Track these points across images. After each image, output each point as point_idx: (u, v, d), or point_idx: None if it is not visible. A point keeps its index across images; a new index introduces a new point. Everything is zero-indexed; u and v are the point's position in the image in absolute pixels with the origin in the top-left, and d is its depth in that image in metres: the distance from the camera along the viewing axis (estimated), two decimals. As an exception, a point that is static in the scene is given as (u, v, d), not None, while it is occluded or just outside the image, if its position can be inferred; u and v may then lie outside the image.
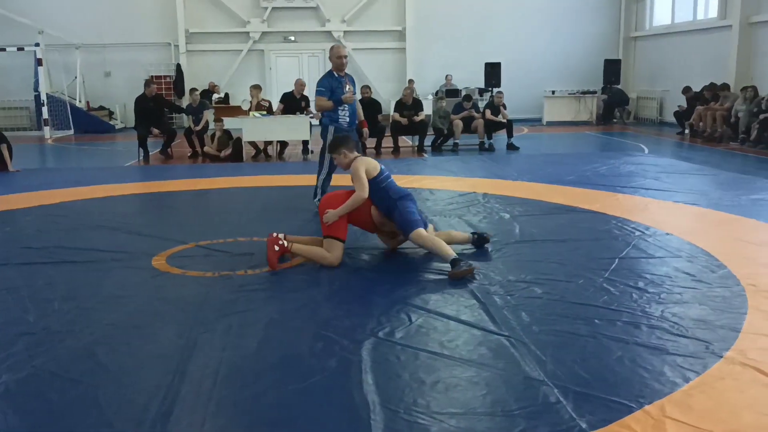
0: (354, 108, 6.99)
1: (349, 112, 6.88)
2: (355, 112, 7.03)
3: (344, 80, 6.87)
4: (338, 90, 6.79)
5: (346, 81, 6.88)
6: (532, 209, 6.83)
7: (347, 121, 6.88)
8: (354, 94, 6.92)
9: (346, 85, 6.85)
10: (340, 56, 6.83)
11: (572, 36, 19.13)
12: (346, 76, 6.93)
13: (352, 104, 6.90)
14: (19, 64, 17.51)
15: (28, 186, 8.96)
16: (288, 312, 4.10)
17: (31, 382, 3.16)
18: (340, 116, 6.85)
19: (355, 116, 7.05)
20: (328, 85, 6.83)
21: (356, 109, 7.07)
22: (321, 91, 6.84)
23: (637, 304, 4.06)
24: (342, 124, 6.85)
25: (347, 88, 6.84)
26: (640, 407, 2.82)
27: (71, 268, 5.06)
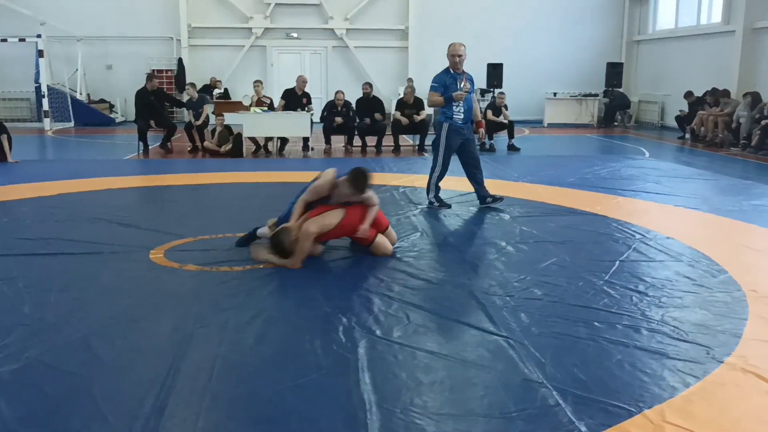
0: (470, 106, 6.80)
1: (463, 109, 6.73)
2: (470, 109, 6.82)
3: (461, 77, 6.73)
4: (452, 87, 6.67)
5: (463, 78, 6.74)
6: (532, 210, 6.81)
7: (461, 119, 6.74)
8: (471, 92, 6.79)
9: (462, 82, 6.71)
10: (454, 55, 6.71)
11: (575, 38, 19.10)
12: (463, 74, 6.78)
13: (468, 102, 6.74)
14: (21, 56, 17.44)
15: (27, 177, 8.92)
16: (285, 308, 4.07)
17: (26, 373, 3.13)
18: (455, 113, 6.71)
19: (470, 114, 6.84)
20: (442, 81, 6.75)
21: (472, 107, 6.86)
22: (434, 87, 6.79)
23: (638, 308, 4.04)
24: (456, 122, 6.74)
25: (462, 85, 6.69)
26: (639, 412, 2.80)
27: (68, 260, 5.03)
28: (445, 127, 6.78)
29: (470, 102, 6.80)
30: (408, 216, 6.61)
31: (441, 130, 6.82)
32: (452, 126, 6.74)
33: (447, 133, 6.76)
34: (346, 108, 12.46)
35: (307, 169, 9.95)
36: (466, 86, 6.70)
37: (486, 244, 5.56)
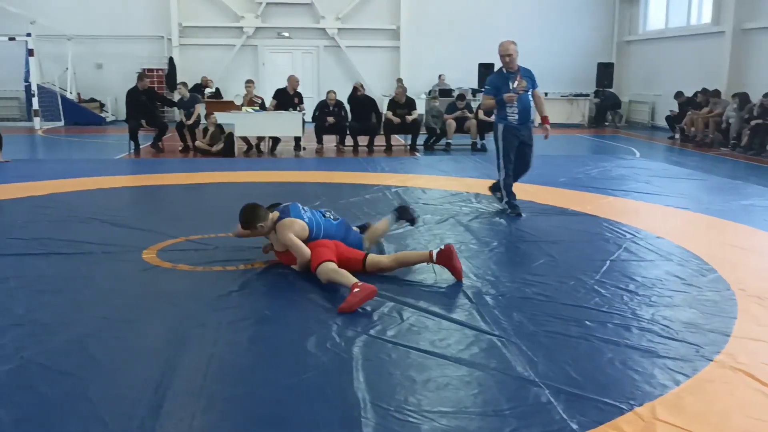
0: (525, 105, 6.57)
1: (518, 110, 6.52)
2: (526, 109, 6.58)
3: (514, 77, 6.53)
4: (503, 88, 6.51)
5: (517, 77, 6.53)
6: (524, 210, 6.84)
7: (516, 119, 6.54)
8: (529, 89, 6.56)
9: (515, 81, 6.51)
10: (503, 55, 6.51)
11: (566, 39, 19.17)
12: (518, 72, 6.56)
13: (523, 101, 6.53)
14: (10, 54, 17.33)
15: (18, 177, 8.88)
16: (279, 308, 4.09)
17: (20, 374, 3.13)
18: (508, 114, 6.54)
19: (527, 113, 6.60)
20: (494, 83, 6.64)
21: (528, 106, 6.60)
22: (487, 90, 6.71)
23: (628, 307, 4.08)
24: (511, 122, 6.55)
25: (514, 84, 6.50)
26: (630, 409, 2.84)
27: (61, 260, 5.03)
28: (500, 128, 6.62)
29: (526, 101, 6.56)
30: (400, 216, 6.62)
31: (496, 131, 6.68)
32: (507, 126, 6.57)
33: (502, 134, 6.60)
34: (338, 107, 12.48)
35: (299, 169, 9.98)
36: (521, 85, 6.50)
37: (478, 243, 5.59)
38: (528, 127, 6.66)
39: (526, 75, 6.57)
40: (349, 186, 8.46)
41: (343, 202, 7.28)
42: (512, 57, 6.50)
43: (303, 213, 4.84)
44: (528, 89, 6.54)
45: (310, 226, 4.74)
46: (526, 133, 6.62)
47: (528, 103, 6.58)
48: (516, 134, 6.59)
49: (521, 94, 6.49)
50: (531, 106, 6.63)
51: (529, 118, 6.63)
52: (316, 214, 4.92)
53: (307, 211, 4.89)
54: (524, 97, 6.54)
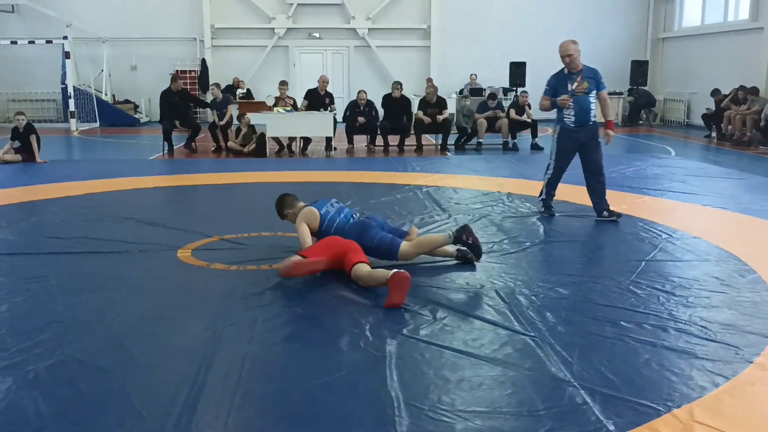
0: (583, 107, 6.26)
1: (575, 112, 6.26)
2: (584, 111, 6.27)
3: (575, 77, 6.27)
4: (562, 89, 6.31)
5: (578, 78, 6.26)
6: (557, 210, 6.78)
7: (573, 121, 6.28)
8: (590, 90, 6.26)
9: (574, 83, 6.26)
10: (563, 56, 6.28)
11: (599, 36, 18.92)
12: (580, 73, 6.29)
13: (581, 103, 6.25)
14: (48, 57, 17.72)
15: (55, 177, 9.07)
16: (312, 306, 4.11)
17: (60, 369, 3.19)
18: (565, 116, 6.33)
19: (586, 116, 6.27)
20: (553, 83, 6.44)
21: (588, 108, 6.28)
22: (545, 90, 6.50)
23: (665, 307, 4.01)
24: (567, 124, 6.33)
25: (573, 86, 6.25)
26: (668, 411, 2.79)
27: (98, 259, 5.12)
28: (556, 129, 6.48)
29: (585, 104, 6.26)
30: (432, 215, 6.62)
31: (555, 132, 6.54)
32: (563, 129, 6.37)
33: (558, 136, 6.44)
34: (368, 107, 12.49)
35: (330, 169, 10.02)
36: (581, 86, 6.23)
37: (510, 243, 5.55)
38: (588, 129, 6.34)
39: (590, 76, 6.29)
40: (380, 186, 8.46)
41: (374, 201, 7.29)
42: (572, 57, 6.25)
43: (326, 206, 5.00)
44: (590, 91, 6.26)
45: (322, 218, 4.89)
46: (584, 135, 6.33)
47: (588, 105, 6.28)
48: (573, 137, 6.36)
49: (579, 96, 6.24)
50: (592, 108, 6.33)
51: (588, 120, 6.30)
52: (339, 211, 5.01)
53: (333, 206, 5.03)
54: (584, 98, 6.26)
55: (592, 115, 6.32)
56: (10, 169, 9.87)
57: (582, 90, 6.24)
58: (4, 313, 3.95)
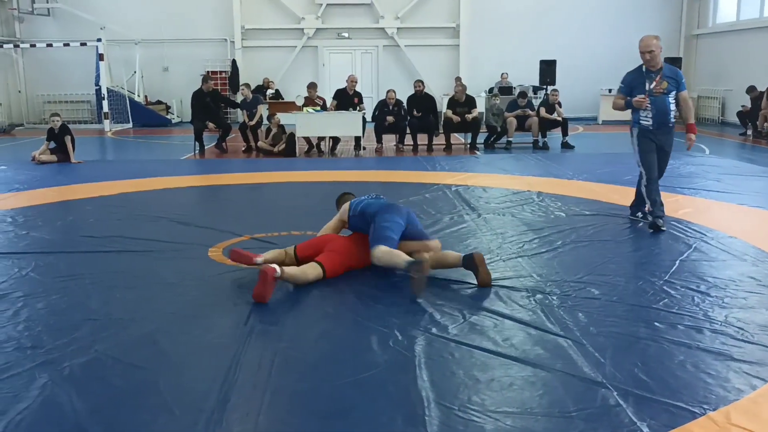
0: (661, 108, 5.80)
1: (653, 113, 5.82)
2: (662, 112, 5.81)
3: (653, 76, 5.80)
4: (638, 89, 5.86)
5: (658, 76, 5.79)
6: (588, 209, 6.71)
7: (650, 123, 5.85)
8: (670, 91, 5.79)
9: (652, 82, 5.80)
10: (643, 52, 5.78)
11: (631, 33, 18.43)
12: (659, 72, 5.81)
13: (659, 104, 5.80)
14: (82, 59, 18.03)
15: (90, 177, 9.22)
16: (342, 306, 4.12)
17: (95, 366, 3.24)
18: (641, 117, 5.90)
19: (664, 117, 5.83)
20: (629, 81, 5.97)
21: (667, 109, 5.82)
22: (620, 88, 6.06)
23: (700, 308, 3.94)
24: (644, 126, 5.90)
25: (651, 85, 5.80)
26: (703, 413, 2.74)
27: (131, 257, 5.19)
28: (634, 132, 6.03)
29: (663, 104, 5.80)
30: (461, 215, 6.59)
31: (631, 135, 6.09)
32: (641, 129, 5.94)
33: (637, 138, 6.00)
34: (397, 107, 12.49)
35: (359, 168, 10.04)
36: (660, 86, 5.77)
37: (541, 242, 5.50)
38: (666, 131, 5.93)
39: (669, 75, 5.82)
40: (409, 185, 8.45)
41: (403, 201, 7.26)
42: (654, 54, 5.73)
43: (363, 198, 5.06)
44: (669, 91, 5.80)
45: (352, 207, 4.93)
46: (663, 138, 5.93)
47: (666, 106, 5.82)
48: (652, 138, 5.93)
49: (657, 96, 5.79)
50: (671, 110, 5.87)
51: (667, 122, 5.87)
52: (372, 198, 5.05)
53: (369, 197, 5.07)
54: (662, 99, 5.81)
55: (671, 116, 5.89)
56: (45, 170, 10.07)
57: (661, 90, 5.79)
58: (40, 311, 4.03)
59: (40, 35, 18.59)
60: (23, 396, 2.93)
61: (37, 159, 10.75)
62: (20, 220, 6.53)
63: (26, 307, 4.07)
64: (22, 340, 3.56)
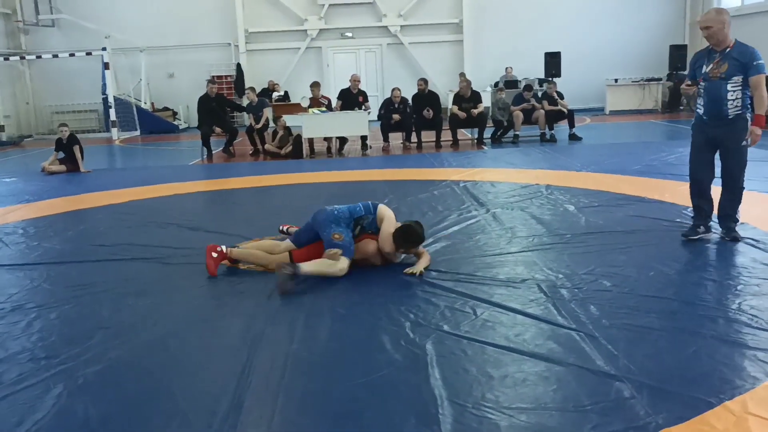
0: (714, 96, 4.96)
1: (704, 101, 5.05)
2: (714, 101, 4.96)
3: (715, 56, 4.98)
4: (698, 71, 5.10)
5: (718, 58, 4.95)
6: (597, 200, 6.68)
7: (702, 112, 5.11)
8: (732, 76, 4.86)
9: (712, 64, 4.97)
10: (701, 28, 5.00)
11: (635, 21, 18.59)
12: (722, 53, 4.93)
13: (711, 91, 4.97)
14: (88, 68, 18.13)
15: (99, 186, 9.26)
16: (353, 306, 4.11)
17: (108, 374, 3.26)
18: (697, 105, 5.19)
19: (717, 106, 4.96)
20: (692, 63, 5.23)
21: (722, 97, 4.92)
22: (688, 73, 5.35)
23: (713, 297, 3.92)
24: (698, 115, 5.18)
25: (708, 68, 4.99)
26: (720, 403, 2.72)
27: (142, 265, 5.21)
28: (692, 122, 5.33)
29: (718, 90, 4.93)
30: (470, 210, 6.57)
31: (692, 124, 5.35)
32: (696, 119, 5.21)
33: (692, 128, 5.28)
34: (403, 105, 12.47)
35: (366, 168, 10.04)
36: (718, 69, 4.92)
37: (551, 235, 5.48)
38: (722, 123, 4.99)
39: (734, 56, 4.88)
40: (416, 182, 8.44)
41: (411, 198, 7.27)
42: (712, 31, 4.90)
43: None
44: (729, 75, 4.87)
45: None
46: (719, 131, 5.02)
47: (721, 93, 4.92)
48: (704, 130, 5.13)
49: (714, 80, 4.95)
50: (729, 98, 4.91)
51: (722, 113, 4.96)
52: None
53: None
54: (716, 85, 4.93)
55: (729, 106, 4.92)
56: (55, 180, 10.13)
57: (717, 74, 4.93)
58: (53, 321, 4.05)
59: (46, 46, 18.71)
60: (39, 406, 2.95)
61: (46, 170, 10.81)
62: (31, 231, 6.57)
63: (39, 317, 4.09)
64: (35, 350, 3.59)
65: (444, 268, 4.69)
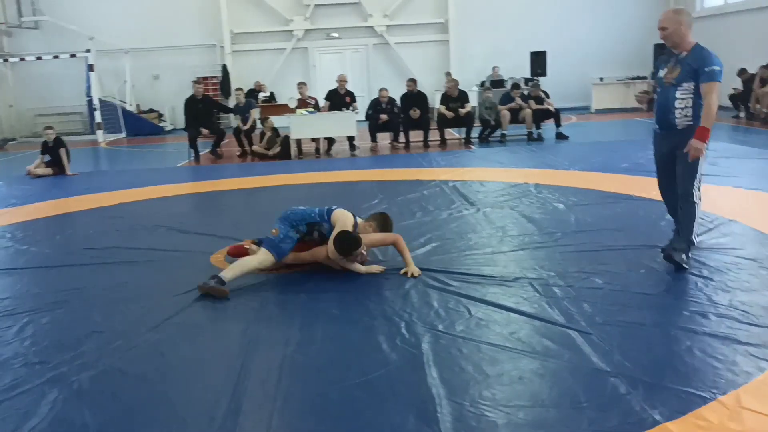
0: (662, 103, 4.58)
1: (656, 109, 4.73)
2: (662, 108, 4.57)
3: (671, 60, 4.61)
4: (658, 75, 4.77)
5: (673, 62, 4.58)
6: (586, 198, 6.72)
7: (654, 121, 4.76)
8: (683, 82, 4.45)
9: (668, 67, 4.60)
10: (659, 28, 4.63)
11: (619, 20, 18.70)
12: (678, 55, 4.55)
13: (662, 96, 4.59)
14: (72, 71, 17.96)
15: (86, 189, 9.19)
16: (347, 306, 4.12)
17: (103, 380, 3.24)
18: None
19: (664, 114, 4.56)
20: (657, 66, 4.88)
21: (669, 104, 4.51)
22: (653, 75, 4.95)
23: (703, 293, 3.96)
24: (653, 124, 4.83)
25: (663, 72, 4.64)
26: (714, 398, 2.76)
27: (132, 268, 5.18)
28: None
29: (665, 98, 4.54)
30: (460, 210, 6.59)
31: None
32: (653, 131, 4.84)
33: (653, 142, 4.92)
34: (390, 105, 12.48)
35: (354, 168, 10.04)
36: (671, 74, 4.52)
37: (542, 234, 5.51)
38: (671, 135, 4.56)
39: (688, 61, 4.45)
40: (406, 182, 8.45)
41: (401, 198, 7.28)
42: (668, 32, 4.54)
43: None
44: (679, 81, 4.46)
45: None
46: (670, 140, 4.58)
47: (668, 100, 4.51)
48: (657, 142, 4.79)
49: (667, 86, 4.55)
50: (676, 106, 4.48)
51: (668, 122, 4.55)
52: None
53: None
54: (666, 91, 4.55)
55: (676, 115, 4.48)
56: (41, 183, 10.04)
57: (670, 79, 4.52)
58: (45, 326, 4.02)
59: (29, 49, 18.52)
60: (33, 412, 2.93)
61: (32, 173, 10.71)
62: (19, 235, 6.51)
63: (31, 323, 4.06)
64: (29, 356, 3.56)
65: (437, 268, 4.70)
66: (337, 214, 4.80)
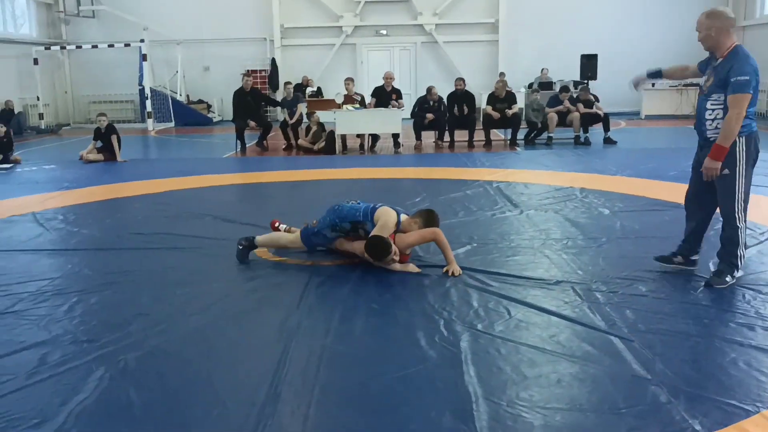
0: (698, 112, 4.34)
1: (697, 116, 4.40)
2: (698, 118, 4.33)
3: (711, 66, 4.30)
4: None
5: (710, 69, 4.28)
6: (633, 205, 6.62)
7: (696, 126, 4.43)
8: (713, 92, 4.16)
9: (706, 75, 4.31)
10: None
11: (673, 25, 18.32)
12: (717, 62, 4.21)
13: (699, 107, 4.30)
14: (125, 60, 18.41)
15: (136, 175, 9.42)
16: (387, 302, 4.15)
17: (148, 360, 3.33)
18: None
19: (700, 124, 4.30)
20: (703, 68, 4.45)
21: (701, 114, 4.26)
22: None
23: (751, 306, 3.87)
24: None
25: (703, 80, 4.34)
26: (757, 411, 2.70)
27: (179, 254, 5.29)
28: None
29: (700, 107, 4.29)
30: (503, 211, 6.56)
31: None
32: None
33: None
34: (438, 104, 12.47)
35: (398, 166, 10.06)
36: (707, 82, 4.24)
37: (586, 238, 5.45)
38: (705, 146, 4.26)
39: (720, 69, 4.13)
40: (449, 182, 8.44)
41: (443, 198, 7.28)
42: (699, 36, 4.26)
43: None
44: (711, 92, 4.17)
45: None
46: (703, 153, 4.27)
47: (701, 111, 4.26)
48: (696, 152, 4.48)
49: (701, 95, 4.31)
50: (708, 117, 4.21)
51: (702, 132, 4.28)
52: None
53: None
54: (701, 101, 4.28)
55: (707, 126, 4.22)
56: (92, 169, 10.32)
57: (705, 89, 4.27)
58: (94, 306, 4.15)
59: (85, 37, 19.04)
60: (81, 388, 3.03)
61: (84, 158, 11.02)
62: (71, 217, 6.71)
63: (80, 302, 4.19)
64: (77, 334, 3.68)
65: (477, 267, 4.70)
66: (380, 213, 4.79)
